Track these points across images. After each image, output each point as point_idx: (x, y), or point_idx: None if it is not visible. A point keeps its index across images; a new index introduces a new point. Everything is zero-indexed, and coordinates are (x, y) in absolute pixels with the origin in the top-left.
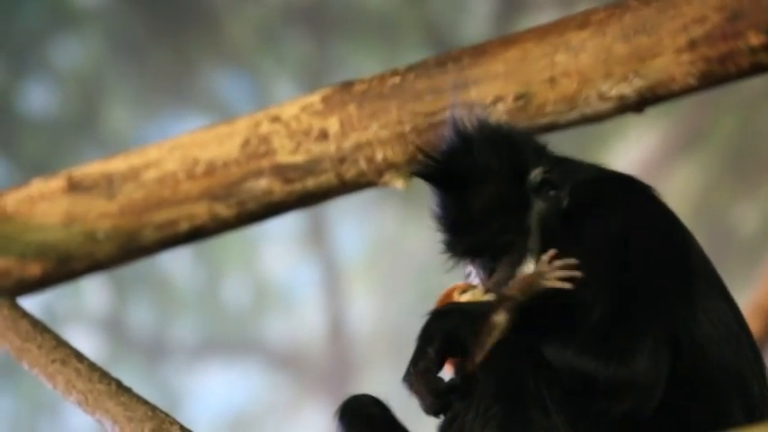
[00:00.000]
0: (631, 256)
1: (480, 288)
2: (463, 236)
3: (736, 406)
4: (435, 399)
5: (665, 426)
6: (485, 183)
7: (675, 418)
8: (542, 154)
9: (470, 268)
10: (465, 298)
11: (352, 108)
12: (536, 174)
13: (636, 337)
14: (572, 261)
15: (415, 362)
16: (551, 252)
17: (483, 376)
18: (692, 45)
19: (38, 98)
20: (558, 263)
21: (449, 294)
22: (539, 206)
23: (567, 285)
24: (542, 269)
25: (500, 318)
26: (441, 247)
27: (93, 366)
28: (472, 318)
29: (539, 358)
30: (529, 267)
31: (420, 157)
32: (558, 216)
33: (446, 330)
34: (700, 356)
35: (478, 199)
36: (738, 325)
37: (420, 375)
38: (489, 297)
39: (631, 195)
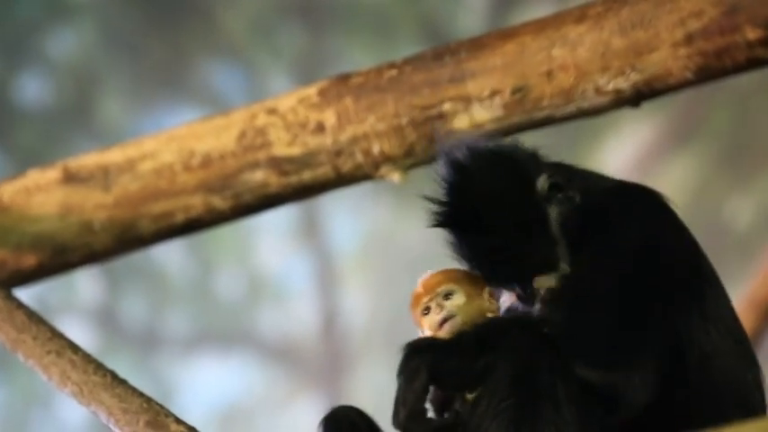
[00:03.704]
0: (646, 270)
1: (435, 316)
2: (498, 269)
3: (736, 416)
4: None
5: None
6: (498, 211)
7: (678, 425)
8: (538, 161)
9: (508, 294)
10: (426, 322)
11: (348, 101)
12: (542, 181)
13: (639, 355)
14: None
15: (403, 403)
16: None
17: (497, 366)
18: (689, 39)
19: (33, 90)
20: None
21: (417, 299)
22: (554, 212)
23: None
24: None
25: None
26: (486, 281)
27: (88, 358)
28: (454, 360)
29: (555, 350)
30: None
31: (430, 206)
32: (576, 215)
33: (428, 371)
34: (707, 367)
35: (498, 229)
36: (741, 332)
37: (410, 420)
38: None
39: (645, 206)
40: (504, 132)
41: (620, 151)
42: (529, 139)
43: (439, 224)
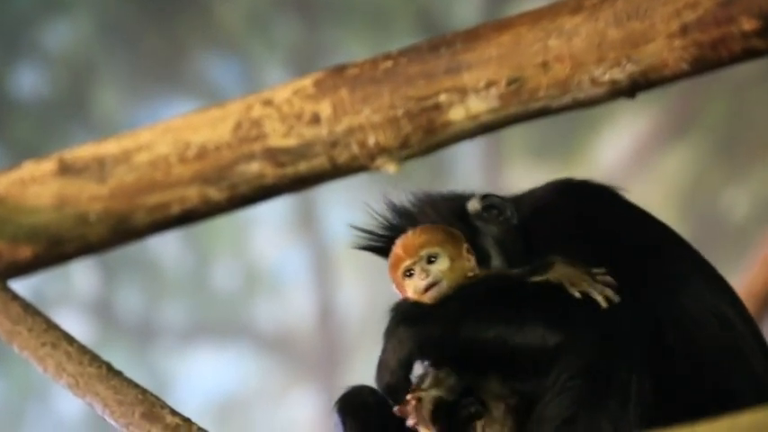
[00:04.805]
0: (608, 249)
1: (420, 281)
2: None
3: (741, 385)
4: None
5: (673, 410)
6: None
7: (681, 403)
8: (472, 194)
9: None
10: (410, 285)
11: (344, 92)
12: (472, 203)
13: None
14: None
15: (390, 372)
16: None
17: (573, 345)
18: (685, 30)
19: (28, 82)
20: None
21: (398, 261)
22: (490, 230)
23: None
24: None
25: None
26: None
27: (83, 350)
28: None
29: (640, 344)
30: None
31: (365, 235)
32: (513, 232)
33: (416, 343)
34: (687, 341)
35: None
36: (729, 304)
37: (392, 389)
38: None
39: (595, 194)
40: (500, 124)
41: (616, 143)
42: (525, 130)
43: (373, 249)
